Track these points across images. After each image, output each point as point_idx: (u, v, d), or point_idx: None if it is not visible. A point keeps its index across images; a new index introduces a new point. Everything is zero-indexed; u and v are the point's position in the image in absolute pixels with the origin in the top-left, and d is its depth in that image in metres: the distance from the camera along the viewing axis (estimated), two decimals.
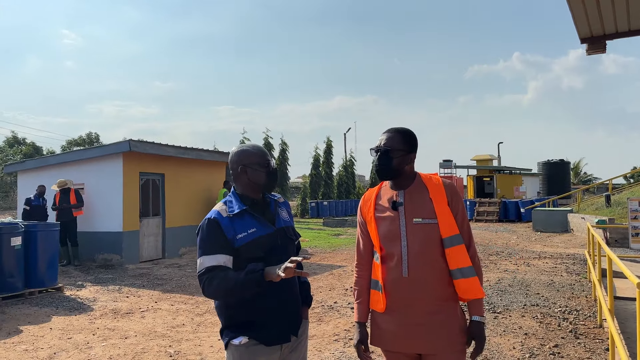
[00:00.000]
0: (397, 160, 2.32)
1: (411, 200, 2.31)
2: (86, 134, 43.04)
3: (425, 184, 2.34)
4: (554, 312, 6.48)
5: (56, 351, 5.20)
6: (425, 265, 2.23)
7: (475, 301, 2.27)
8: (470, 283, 2.23)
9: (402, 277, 2.23)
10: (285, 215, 2.45)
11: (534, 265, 10.54)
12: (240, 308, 2.23)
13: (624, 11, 7.94)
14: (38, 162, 12.59)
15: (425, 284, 2.22)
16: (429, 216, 2.25)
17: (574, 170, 53.31)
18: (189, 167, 13.19)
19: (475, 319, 2.27)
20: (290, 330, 2.30)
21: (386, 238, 2.29)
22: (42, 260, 8.08)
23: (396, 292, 2.25)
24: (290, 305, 2.31)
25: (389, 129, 2.40)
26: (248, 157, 2.35)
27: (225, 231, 2.21)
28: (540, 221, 18.60)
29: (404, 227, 2.26)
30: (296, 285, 2.39)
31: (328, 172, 34.06)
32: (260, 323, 2.22)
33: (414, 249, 2.23)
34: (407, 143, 2.35)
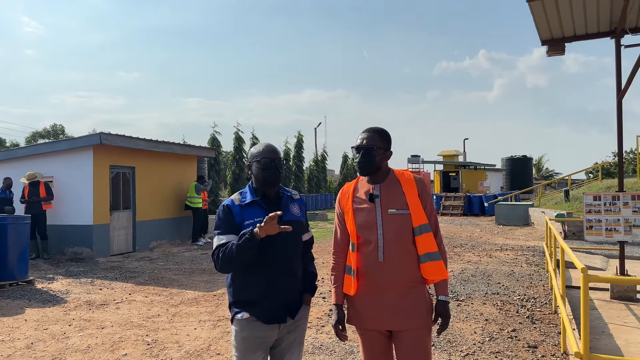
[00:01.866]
0: (378, 158, 2.57)
1: (386, 193, 2.56)
2: (51, 125, 42.05)
3: (398, 179, 2.60)
4: (513, 300, 6.89)
5: (33, 341, 5.28)
6: (398, 251, 2.48)
7: (441, 282, 2.54)
8: (437, 266, 2.50)
9: (378, 262, 2.48)
10: (295, 210, 2.69)
11: (495, 256, 11.03)
12: (244, 288, 2.54)
13: (581, 16, 8.42)
14: (5, 154, 12.37)
15: (398, 268, 2.47)
16: (401, 207, 2.51)
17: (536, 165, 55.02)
18: (160, 160, 13.18)
19: (442, 298, 2.54)
20: (287, 312, 2.55)
21: (363, 227, 2.53)
22: (12, 253, 8.05)
23: (372, 275, 2.50)
24: (288, 290, 2.56)
25: (368, 129, 2.64)
26: (252, 155, 2.65)
27: (235, 216, 2.53)
28: (502, 215, 19.29)
29: (380, 217, 2.51)
30: (296, 272, 2.63)
31: (299, 166, 34.24)
32: (260, 303, 2.50)
33: (389, 237, 2.48)
34: (386, 142, 2.62)
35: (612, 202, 8.34)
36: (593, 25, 8.95)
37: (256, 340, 2.51)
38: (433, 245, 2.50)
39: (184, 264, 10.39)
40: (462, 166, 33.77)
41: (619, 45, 8.43)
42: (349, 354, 4.72)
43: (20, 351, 4.98)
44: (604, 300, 7.19)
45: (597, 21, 8.72)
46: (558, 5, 7.92)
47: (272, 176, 2.61)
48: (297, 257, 2.66)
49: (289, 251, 2.58)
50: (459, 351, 4.79)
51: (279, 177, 2.64)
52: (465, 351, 4.78)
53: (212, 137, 27.43)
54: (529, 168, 36.08)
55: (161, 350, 4.93)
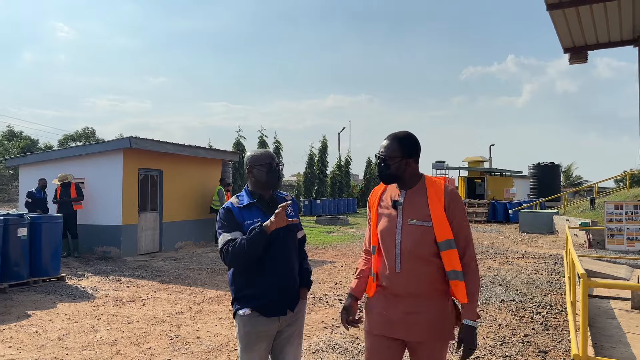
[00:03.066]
0: (394, 167, 2.44)
1: (410, 202, 2.43)
2: (82, 128, 43.31)
3: (427, 188, 2.44)
4: (529, 307, 6.93)
5: (64, 333, 5.60)
6: (416, 263, 2.35)
7: (466, 304, 2.35)
8: (459, 286, 2.34)
9: (396, 272, 2.38)
10: (290, 211, 2.79)
11: (516, 264, 11.01)
12: (246, 284, 2.69)
13: (603, 25, 8.43)
14: (40, 156, 12.95)
15: (416, 280, 2.36)
16: (423, 219, 2.36)
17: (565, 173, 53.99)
18: (186, 163, 13.58)
19: (466, 322, 2.33)
20: (287, 305, 2.71)
21: (384, 234, 2.45)
22: (46, 251, 8.46)
23: (388, 283, 2.42)
24: (287, 284, 2.72)
25: (389, 136, 2.51)
26: (254, 159, 2.80)
27: (236, 217, 2.71)
28: (526, 222, 19.10)
29: (400, 226, 2.39)
30: (295, 268, 2.80)
31: (322, 170, 34.48)
32: (261, 297, 2.65)
33: (406, 248, 2.36)
34: (404, 149, 2.44)
35: (633, 211, 8.29)
36: (616, 34, 8.93)
37: (258, 334, 2.66)
38: (457, 264, 2.34)
39: (207, 264, 10.70)
40: (487, 172, 33.47)
41: None
42: (362, 353, 4.89)
43: (52, 342, 5.30)
44: (625, 310, 7.13)
45: (619, 29, 8.70)
46: (579, 14, 7.94)
47: (276, 179, 2.81)
48: (294, 254, 2.82)
49: (287, 248, 2.74)
50: None
51: (280, 180, 2.89)
52: (476, 354, 4.89)
53: (236, 141, 27.96)
54: (557, 175, 35.44)
55: (183, 345, 5.19)
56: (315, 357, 4.80)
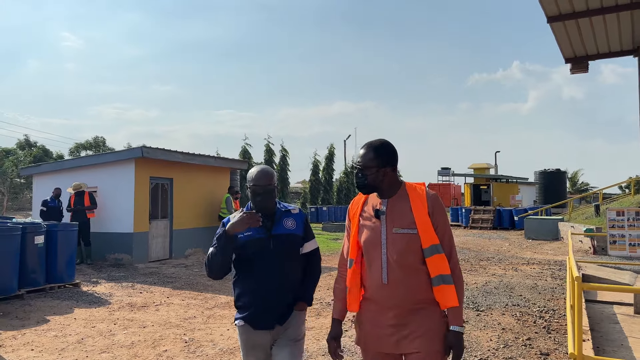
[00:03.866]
0: (371, 177, 2.40)
1: (393, 210, 2.38)
2: (93, 137, 43.98)
3: (408, 194, 2.40)
4: (532, 312, 7.10)
5: (83, 337, 5.84)
6: (403, 273, 2.30)
7: (452, 310, 2.32)
8: (447, 290, 2.29)
9: (382, 284, 2.32)
10: (289, 224, 2.79)
11: (521, 270, 11.16)
12: (239, 297, 2.78)
13: (603, 36, 8.64)
14: (54, 165, 13.27)
15: (403, 291, 2.30)
16: (408, 226, 2.31)
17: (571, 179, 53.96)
18: (195, 172, 13.86)
19: (453, 328, 2.31)
20: (275, 319, 2.70)
21: (368, 245, 2.38)
22: (61, 258, 8.73)
23: (376, 297, 2.35)
24: (274, 299, 2.69)
25: (364, 145, 2.46)
26: (247, 179, 2.80)
27: None
28: (532, 229, 19.23)
29: (385, 236, 2.34)
30: (287, 283, 2.73)
31: (328, 178, 34.74)
32: (248, 309, 2.71)
33: (392, 258, 2.30)
34: (380, 159, 2.40)
35: (635, 218, 8.45)
36: (616, 44, 9.13)
37: (253, 345, 2.72)
38: (446, 267, 2.30)
39: None
40: (493, 179, 33.59)
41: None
42: None
43: (72, 345, 5.53)
44: (628, 315, 7.28)
45: (619, 40, 8.90)
46: (579, 26, 8.15)
47: (261, 202, 2.74)
48: (288, 269, 2.73)
49: (277, 264, 2.69)
50: (473, 356, 5.09)
51: (269, 205, 2.76)
52: (480, 356, 5.08)
53: (243, 149, 28.31)
54: (562, 182, 35.53)
55: (198, 348, 5.41)
56: (326, 358, 5.01)
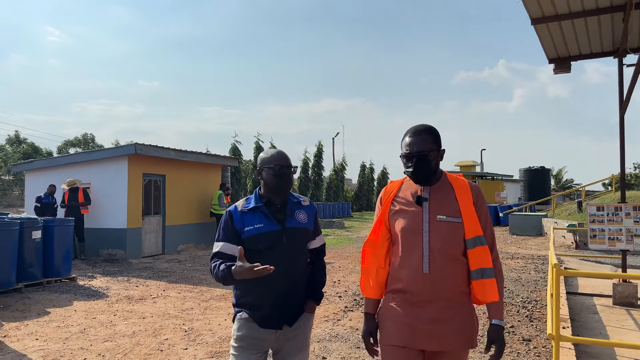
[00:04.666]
0: (434, 162, 2.30)
1: (436, 197, 2.29)
2: (82, 134, 43.78)
3: (451, 184, 2.33)
4: (516, 302, 7.44)
5: (85, 327, 6.03)
6: (446, 262, 2.20)
7: (494, 304, 2.24)
8: (488, 284, 2.21)
9: (422, 274, 2.20)
10: (302, 217, 2.63)
11: (505, 264, 11.52)
12: (245, 293, 2.60)
13: (585, 37, 9.00)
14: (46, 162, 13.35)
15: (445, 282, 2.20)
16: (453, 214, 2.24)
17: (556, 177, 54.83)
18: (188, 169, 14.03)
19: (495, 322, 2.23)
20: (284, 319, 2.54)
21: (406, 232, 2.26)
22: (58, 253, 8.88)
23: (414, 287, 2.22)
24: (286, 298, 2.53)
25: (416, 130, 2.32)
26: (263, 161, 2.61)
27: (235, 222, 2.55)
28: (516, 225, 19.68)
29: (427, 223, 2.24)
30: (297, 280, 2.59)
31: (318, 175, 34.99)
32: (258, 306, 2.53)
33: (436, 246, 2.20)
34: (438, 141, 2.32)
35: (614, 213, 8.83)
36: (597, 46, 9.49)
37: (251, 341, 2.52)
38: (488, 260, 2.22)
39: (210, 266, 11.14)
40: (479, 177, 34.11)
41: (622, 64, 8.92)
42: (361, 341, 5.36)
43: (75, 335, 5.73)
44: (607, 306, 7.64)
45: (600, 42, 9.24)
46: (562, 28, 8.48)
47: (284, 184, 2.58)
48: (300, 265, 2.62)
49: (289, 260, 2.53)
50: None
51: (290, 185, 2.62)
52: None
53: (233, 147, 28.43)
54: (547, 179, 36.18)
55: (197, 336, 5.64)
56: (320, 345, 5.27)
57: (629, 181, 39.42)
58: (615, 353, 5.29)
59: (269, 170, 2.57)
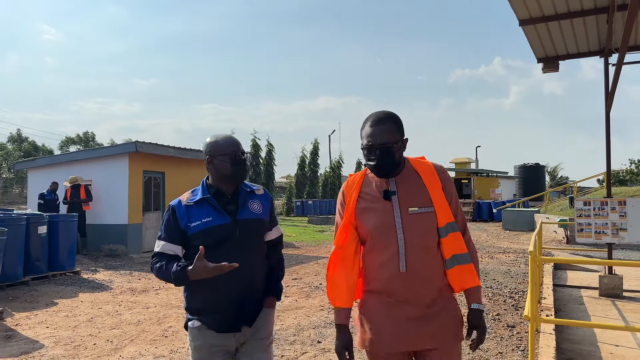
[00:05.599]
0: (398, 153, 2.11)
1: (404, 189, 2.12)
2: (83, 132, 44.21)
3: (416, 170, 2.16)
4: (503, 293, 7.77)
5: (92, 317, 6.33)
6: (423, 257, 2.06)
7: (473, 289, 2.13)
8: (467, 270, 2.10)
9: (399, 273, 2.04)
10: (256, 207, 2.40)
11: (497, 258, 11.86)
12: (194, 295, 2.33)
13: (571, 37, 9.34)
14: (49, 159, 13.62)
15: (424, 279, 2.06)
16: (425, 204, 2.08)
17: (551, 173, 55.31)
18: (187, 166, 14.33)
19: (475, 306, 2.12)
20: (242, 320, 2.30)
21: (378, 230, 2.08)
22: (63, 247, 9.18)
23: (392, 289, 2.07)
24: (242, 296, 2.30)
25: (378, 119, 2.11)
26: (215, 148, 2.36)
27: (179, 219, 2.29)
28: (509, 221, 20.05)
29: (399, 218, 2.07)
30: (254, 278, 2.36)
31: (314, 171, 35.32)
32: (210, 311, 2.28)
33: (412, 242, 2.04)
34: (401, 130, 2.14)
35: (600, 207, 9.18)
36: (583, 45, 9.83)
37: (210, 349, 2.30)
38: (462, 245, 2.10)
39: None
40: (474, 173, 34.49)
41: (607, 64, 9.25)
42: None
43: (84, 323, 6.03)
44: (593, 297, 7.96)
45: (586, 42, 9.57)
46: (549, 29, 8.81)
47: (242, 172, 2.38)
48: (255, 260, 2.37)
49: (243, 255, 2.28)
50: None
51: (247, 173, 2.44)
52: None
53: None
54: (541, 175, 36.59)
55: None
56: (316, 331, 5.59)
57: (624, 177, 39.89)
58: (597, 340, 5.60)
59: (223, 158, 2.34)
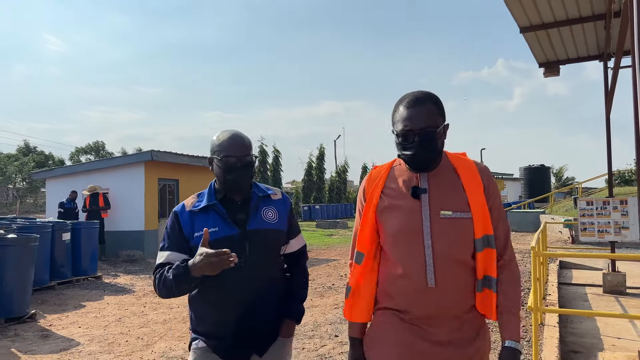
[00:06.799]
0: (441, 141, 1.76)
1: (438, 187, 1.77)
2: (93, 142, 44.94)
3: (454, 166, 1.80)
4: None
5: (120, 317, 6.71)
6: (454, 271, 1.71)
7: (509, 320, 1.73)
8: (489, 297, 1.73)
9: (426, 288, 1.70)
10: (271, 215, 2.08)
11: None
12: (200, 316, 2.07)
13: (571, 43, 9.69)
14: (66, 169, 14.09)
15: (455, 296, 1.72)
16: (461, 209, 1.72)
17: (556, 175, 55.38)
18: (199, 173, 14.76)
19: (509, 344, 1.70)
20: (252, 348, 2.03)
21: (402, 234, 1.74)
22: (85, 253, 9.58)
23: (417, 306, 1.73)
24: (253, 319, 2.01)
25: (416, 99, 1.75)
26: (212, 149, 2.06)
27: (183, 226, 2.02)
28: (514, 222, 20.30)
29: (428, 222, 1.72)
30: (267, 296, 2.05)
31: (320, 177, 35.72)
32: (217, 334, 2.02)
33: (442, 251, 1.70)
34: (443, 113, 1.79)
35: (602, 207, 9.49)
36: (583, 50, 10.18)
37: None
38: (493, 268, 1.73)
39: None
40: None
41: (607, 67, 9.59)
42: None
43: (113, 323, 6.42)
44: (597, 294, 8.25)
45: (586, 47, 9.93)
46: (549, 35, 9.17)
47: (238, 180, 2.02)
48: (268, 278, 2.06)
49: (254, 272, 2.00)
50: None
51: (248, 180, 2.05)
52: None
53: None
54: (547, 177, 36.75)
55: None
56: (332, 327, 5.94)
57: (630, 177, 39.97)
58: (600, 333, 5.91)
59: (218, 163, 2.01)
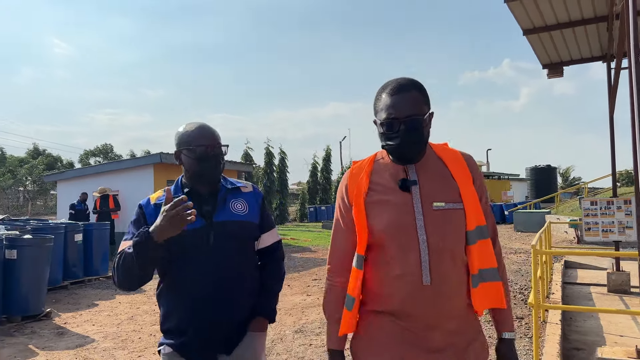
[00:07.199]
0: (427, 129, 1.67)
1: (428, 178, 1.67)
2: (102, 144, 45.48)
3: (440, 157, 1.73)
4: (514, 289, 8.21)
5: (132, 315, 6.89)
6: (450, 266, 1.62)
7: (501, 312, 1.74)
8: (494, 289, 1.66)
9: (421, 287, 1.59)
10: (240, 207, 2.03)
11: (508, 258, 12.26)
12: (167, 315, 2.02)
13: (574, 44, 9.81)
14: (77, 172, 14.34)
15: (451, 293, 1.63)
16: (453, 199, 1.64)
17: (563, 175, 55.22)
18: None
19: (507, 335, 1.72)
20: (220, 347, 1.96)
21: (393, 229, 1.63)
22: (97, 253, 9.79)
23: (411, 306, 1.62)
24: (220, 317, 1.95)
25: (400, 86, 1.65)
26: (180, 140, 2.02)
27: (148, 219, 1.96)
28: (520, 222, 20.36)
29: (421, 215, 1.62)
30: (236, 292, 1.98)
31: (326, 178, 35.88)
32: (177, 334, 1.97)
33: (437, 245, 1.60)
34: (428, 101, 1.70)
35: (606, 207, 9.59)
36: (586, 51, 10.29)
37: None
38: (491, 258, 1.66)
39: None
40: (485, 176, 34.78)
41: (610, 68, 9.69)
42: None
43: (126, 320, 6.60)
44: (601, 293, 8.34)
45: (589, 48, 10.04)
46: (552, 37, 9.29)
47: (210, 170, 1.99)
48: (235, 272, 1.99)
49: (220, 266, 1.93)
50: None
51: (219, 171, 2.02)
52: None
53: (245, 153, 29.37)
54: (553, 177, 36.72)
55: None
56: None
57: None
58: (603, 331, 6.02)
59: (188, 153, 1.98)
